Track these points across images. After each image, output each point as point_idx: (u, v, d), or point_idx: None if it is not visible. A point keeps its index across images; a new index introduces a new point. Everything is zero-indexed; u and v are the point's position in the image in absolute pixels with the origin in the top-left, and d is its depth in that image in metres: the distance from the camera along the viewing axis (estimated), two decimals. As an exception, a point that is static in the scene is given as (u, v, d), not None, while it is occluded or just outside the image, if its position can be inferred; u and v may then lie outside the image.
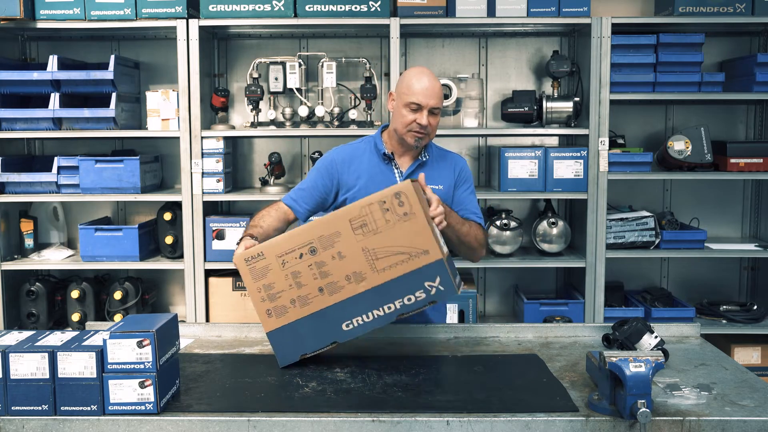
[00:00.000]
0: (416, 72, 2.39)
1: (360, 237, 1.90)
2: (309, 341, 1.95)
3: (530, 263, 3.75)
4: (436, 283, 1.89)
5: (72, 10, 3.57)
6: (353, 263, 1.91)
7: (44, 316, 3.72)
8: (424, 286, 1.89)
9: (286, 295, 1.95)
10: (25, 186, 3.65)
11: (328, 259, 1.92)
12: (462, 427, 1.63)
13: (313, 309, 1.93)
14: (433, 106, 2.33)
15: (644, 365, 1.60)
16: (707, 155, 3.65)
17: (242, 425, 1.64)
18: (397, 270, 1.89)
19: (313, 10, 3.57)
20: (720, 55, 3.98)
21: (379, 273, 1.90)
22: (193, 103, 3.61)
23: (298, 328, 1.95)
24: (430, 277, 1.89)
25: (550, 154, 3.65)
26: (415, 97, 2.32)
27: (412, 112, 2.34)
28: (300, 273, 1.93)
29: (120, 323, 1.73)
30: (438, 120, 2.39)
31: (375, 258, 1.90)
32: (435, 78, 2.37)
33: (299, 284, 1.94)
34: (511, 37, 4.02)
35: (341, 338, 1.94)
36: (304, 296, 1.94)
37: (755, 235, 4.09)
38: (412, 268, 1.89)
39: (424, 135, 2.36)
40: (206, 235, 3.67)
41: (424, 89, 2.32)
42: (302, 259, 1.93)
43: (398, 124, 2.38)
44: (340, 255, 1.91)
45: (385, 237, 1.90)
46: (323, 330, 1.94)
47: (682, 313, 3.71)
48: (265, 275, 1.95)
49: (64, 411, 1.65)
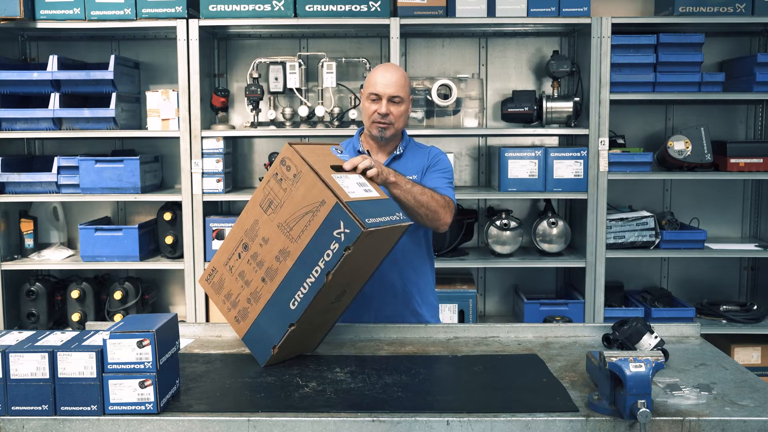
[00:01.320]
0: (379, 66, 2.45)
1: (272, 215, 1.94)
2: (272, 332, 1.96)
3: (530, 263, 3.75)
4: (341, 228, 1.85)
5: (72, 10, 3.57)
6: (276, 242, 1.93)
7: (44, 316, 3.72)
8: (333, 235, 1.85)
9: (243, 297, 1.98)
10: (25, 186, 3.65)
11: (258, 248, 1.95)
12: (462, 427, 1.63)
13: (264, 301, 1.95)
14: (391, 94, 2.36)
15: (644, 365, 1.59)
16: (707, 155, 3.65)
17: (242, 425, 1.64)
18: (309, 232, 1.88)
19: (313, 10, 3.57)
20: (720, 55, 3.98)
21: (297, 242, 1.90)
22: (193, 103, 3.61)
23: (261, 324, 1.96)
24: (335, 224, 1.85)
25: (550, 154, 3.65)
26: (373, 88, 2.38)
27: (372, 102, 2.39)
28: (244, 271, 1.97)
29: (120, 323, 1.73)
30: (402, 109, 2.40)
31: (289, 229, 1.92)
32: (398, 69, 2.42)
33: (247, 282, 1.97)
34: (511, 37, 4.02)
35: (293, 318, 1.92)
36: (254, 291, 1.96)
37: (755, 235, 4.09)
38: (318, 223, 1.87)
39: (386, 125, 2.38)
40: (206, 235, 3.67)
41: (383, 79, 2.37)
42: (241, 258, 1.98)
43: (364, 118, 2.44)
44: (264, 240, 1.94)
45: (289, 205, 1.91)
46: (277, 317, 1.94)
47: (682, 313, 3.71)
48: (222, 285, 2.01)
49: (64, 411, 1.65)
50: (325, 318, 2.04)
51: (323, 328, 2.09)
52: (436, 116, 3.83)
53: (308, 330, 1.99)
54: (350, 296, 2.06)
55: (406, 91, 2.41)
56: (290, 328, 1.93)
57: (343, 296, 2.01)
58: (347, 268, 1.88)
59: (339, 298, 2.00)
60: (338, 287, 1.94)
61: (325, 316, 2.02)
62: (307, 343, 2.06)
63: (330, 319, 2.08)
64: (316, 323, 2.01)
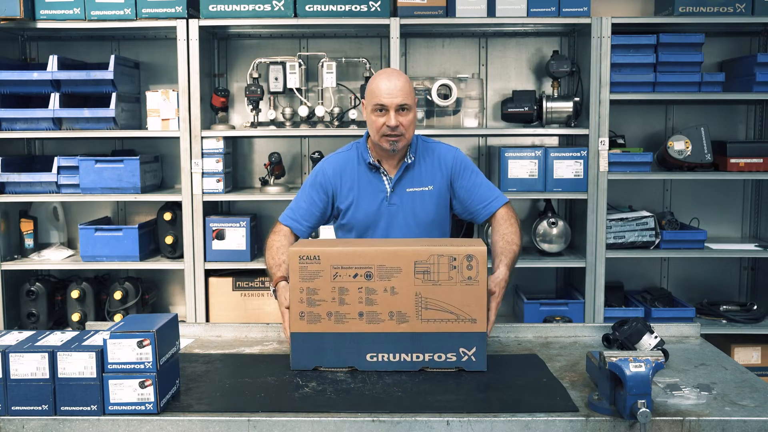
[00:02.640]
0: (379, 74, 2.32)
1: (419, 282, 1.91)
2: (329, 356, 1.94)
3: (530, 263, 3.75)
4: (470, 352, 1.92)
5: (72, 10, 3.57)
6: (402, 303, 1.91)
7: (44, 316, 3.72)
8: (459, 351, 1.92)
9: (326, 306, 1.92)
10: (25, 186, 3.65)
11: (380, 290, 1.91)
12: (462, 427, 1.63)
13: (346, 329, 1.92)
14: (399, 104, 2.24)
15: (644, 365, 1.60)
16: (707, 155, 3.65)
17: (242, 425, 1.64)
18: (440, 326, 1.91)
19: (313, 10, 3.57)
20: (720, 55, 3.98)
21: (422, 322, 1.91)
22: (193, 103, 3.61)
23: (324, 341, 1.93)
24: (468, 344, 1.92)
25: (550, 154, 3.65)
26: (378, 99, 2.25)
27: (379, 115, 2.27)
28: (347, 291, 1.92)
29: (120, 323, 1.73)
30: (411, 118, 2.28)
31: (425, 306, 1.91)
32: (400, 75, 2.29)
33: (342, 301, 1.92)
34: (511, 37, 4.02)
35: (361, 366, 1.93)
36: (342, 314, 1.92)
37: (755, 235, 4.09)
38: (455, 330, 1.91)
39: (397, 137, 2.27)
40: (206, 235, 3.67)
41: (387, 88, 2.25)
42: (355, 280, 1.91)
43: (372, 131, 2.33)
44: (393, 290, 1.91)
45: (442, 291, 1.90)
46: (347, 352, 1.93)
47: (682, 313, 3.71)
48: (313, 280, 1.92)
49: (64, 411, 1.65)
50: None
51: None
52: (436, 116, 3.83)
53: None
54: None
55: (412, 97, 2.29)
56: (348, 369, 1.94)
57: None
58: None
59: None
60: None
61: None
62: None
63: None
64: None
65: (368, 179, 2.38)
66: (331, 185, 2.39)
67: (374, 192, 2.37)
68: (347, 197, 2.38)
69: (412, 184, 2.38)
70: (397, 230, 2.37)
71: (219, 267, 3.72)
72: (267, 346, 2.20)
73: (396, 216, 2.37)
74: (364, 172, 2.39)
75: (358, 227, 2.40)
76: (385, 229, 2.37)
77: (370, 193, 2.37)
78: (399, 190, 2.37)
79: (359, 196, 2.37)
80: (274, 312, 2.26)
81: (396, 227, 2.37)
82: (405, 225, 2.37)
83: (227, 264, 3.71)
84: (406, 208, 2.37)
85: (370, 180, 2.38)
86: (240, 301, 3.75)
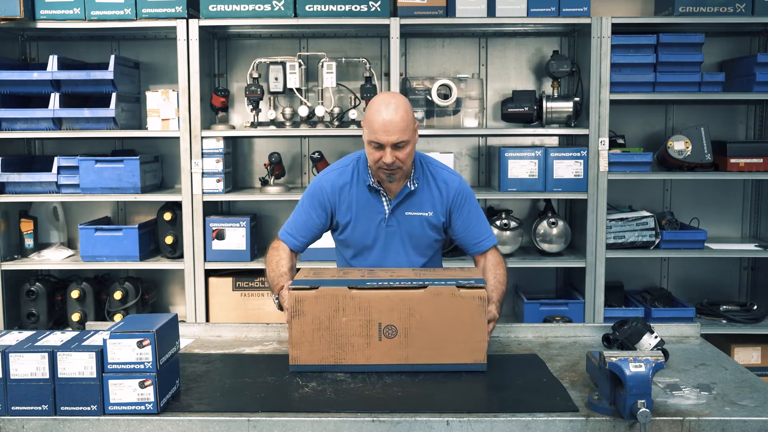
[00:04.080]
0: (378, 103, 2.23)
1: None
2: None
3: (530, 263, 3.75)
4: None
5: (72, 10, 3.57)
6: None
7: (44, 316, 3.72)
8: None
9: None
10: (25, 186, 3.65)
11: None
12: (462, 427, 1.63)
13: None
14: (395, 142, 2.17)
15: (644, 365, 1.60)
16: (707, 155, 3.65)
17: (242, 425, 1.64)
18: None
19: (313, 10, 3.57)
20: (720, 55, 3.98)
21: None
22: (193, 103, 3.61)
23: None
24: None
25: (550, 154, 3.65)
26: (374, 136, 2.19)
27: (375, 149, 2.22)
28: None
29: (120, 323, 1.73)
30: (408, 150, 2.21)
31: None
32: (399, 108, 2.19)
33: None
34: (511, 37, 4.02)
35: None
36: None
37: (755, 235, 4.09)
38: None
39: (393, 170, 2.24)
40: (206, 235, 3.67)
41: (383, 125, 2.17)
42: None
43: (369, 159, 2.29)
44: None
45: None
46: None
47: (682, 313, 3.71)
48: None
49: (64, 411, 1.65)
50: None
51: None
52: (436, 116, 3.83)
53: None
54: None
55: (410, 130, 2.21)
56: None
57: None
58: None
59: None
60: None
61: None
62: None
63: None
64: None
65: (367, 199, 2.36)
66: (330, 203, 2.37)
67: (372, 213, 2.36)
68: (345, 215, 2.38)
69: (411, 208, 2.37)
70: (393, 251, 2.39)
71: (219, 267, 3.72)
72: (267, 346, 2.20)
73: (393, 237, 2.38)
74: (363, 191, 2.36)
75: (355, 245, 2.41)
76: (381, 249, 2.39)
77: (369, 214, 2.36)
78: (398, 213, 2.36)
79: (357, 215, 2.36)
80: (274, 312, 2.26)
81: (392, 248, 2.39)
82: (401, 246, 2.39)
83: (227, 264, 3.71)
84: (403, 231, 2.38)
85: (368, 200, 2.36)
86: (240, 301, 3.75)
